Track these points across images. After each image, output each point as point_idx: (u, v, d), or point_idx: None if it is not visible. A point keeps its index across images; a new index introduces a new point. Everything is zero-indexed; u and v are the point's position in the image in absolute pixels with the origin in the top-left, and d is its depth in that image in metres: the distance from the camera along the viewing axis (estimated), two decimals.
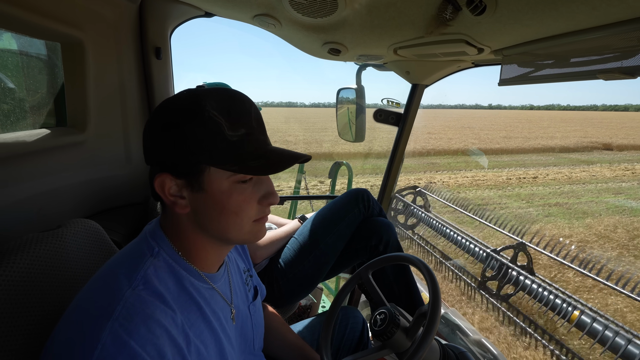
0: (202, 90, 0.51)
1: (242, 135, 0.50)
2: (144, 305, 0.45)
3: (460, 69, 1.30)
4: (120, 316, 0.42)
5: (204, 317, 0.53)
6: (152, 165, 0.53)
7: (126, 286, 0.45)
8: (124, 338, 0.41)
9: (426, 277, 0.74)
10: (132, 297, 0.45)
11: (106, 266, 0.51)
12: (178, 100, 0.51)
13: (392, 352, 0.73)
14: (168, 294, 0.49)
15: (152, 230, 0.55)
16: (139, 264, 0.49)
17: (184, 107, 0.50)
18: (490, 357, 1.35)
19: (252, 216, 0.54)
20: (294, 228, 1.28)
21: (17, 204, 0.75)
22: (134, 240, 0.55)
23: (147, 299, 0.46)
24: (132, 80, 1.13)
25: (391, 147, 1.63)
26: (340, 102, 1.63)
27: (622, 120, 49.87)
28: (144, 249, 0.51)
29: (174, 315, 0.47)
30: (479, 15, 0.68)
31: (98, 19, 0.95)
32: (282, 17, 0.92)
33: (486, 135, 21.35)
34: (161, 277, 0.49)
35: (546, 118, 53.71)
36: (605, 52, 0.70)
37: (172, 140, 0.49)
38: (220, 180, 0.50)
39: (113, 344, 0.40)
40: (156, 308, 0.46)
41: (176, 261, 0.53)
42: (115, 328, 0.41)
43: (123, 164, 1.14)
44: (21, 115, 0.88)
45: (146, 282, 0.47)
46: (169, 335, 0.45)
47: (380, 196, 1.73)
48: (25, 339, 0.52)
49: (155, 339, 0.43)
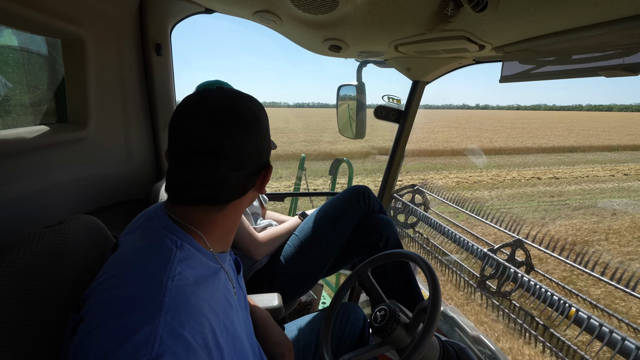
0: (247, 96, 0.59)
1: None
2: (188, 296, 0.46)
3: (461, 65, 1.30)
4: (170, 308, 0.43)
5: (224, 295, 0.56)
6: (256, 164, 0.58)
7: (165, 278, 0.46)
8: (178, 330, 0.42)
9: (426, 274, 0.75)
10: (175, 288, 0.45)
11: (127, 264, 0.50)
12: (251, 104, 0.58)
13: (393, 349, 0.74)
14: (198, 281, 0.50)
15: (163, 225, 0.54)
16: (169, 257, 0.49)
17: (261, 110, 0.59)
18: (489, 353, 1.36)
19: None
20: (295, 225, 1.29)
21: (19, 200, 0.75)
22: (149, 236, 0.54)
23: (187, 288, 0.47)
24: (132, 77, 1.12)
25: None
26: (340, 99, 1.63)
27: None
28: (167, 243, 0.52)
29: (209, 300, 0.49)
30: (480, 12, 0.68)
31: (98, 15, 0.94)
32: (283, 14, 0.92)
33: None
34: (191, 265, 0.51)
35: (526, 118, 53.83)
36: (607, 49, 0.70)
37: (268, 138, 0.62)
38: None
39: (170, 337, 0.41)
40: (196, 297, 0.47)
41: (197, 248, 0.55)
42: (169, 320, 0.42)
43: (124, 160, 1.14)
44: (22, 111, 0.88)
45: (180, 272, 0.48)
46: (209, 322, 0.47)
47: (380, 193, 1.73)
48: (27, 334, 0.52)
49: (201, 328, 0.45)
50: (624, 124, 38.83)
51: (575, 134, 24.90)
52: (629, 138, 21.73)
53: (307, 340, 0.96)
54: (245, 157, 0.55)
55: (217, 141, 0.52)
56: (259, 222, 1.32)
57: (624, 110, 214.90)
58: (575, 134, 24.91)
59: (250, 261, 1.20)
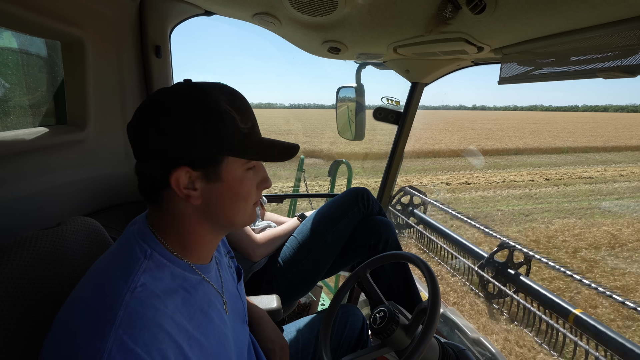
0: (204, 85, 0.53)
1: (251, 127, 0.56)
2: (145, 309, 0.44)
3: (460, 67, 1.30)
4: (124, 322, 0.42)
5: (201, 309, 0.54)
6: (162, 160, 0.52)
7: (124, 290, 0.45)
8: (130, 345, 0.41)
9: (425, 275, 0.74)
10: (133, 301, 0.44)
11: (95, 271, 0.50)
12: (186, 95, 0.52)
13: (392, 350, 0.73)
14: (165, 293, 0.49)
15: (140, 231, 0.54)
16: (134, 267, 0.48)
17: (196, 101, 0.51)
18: (489, 355, 1.36)
19: (253, 200, 0.59)
20: (294, 226, 1.28)
21: (17, 201, 0.75)
22: (121, 244, 0.54)
23: (147, 301, 0.45)
24: (132, 79, 1.13)
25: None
26: (340, 101, 1.63)
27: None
28: (136, 252, 0.51)
29: (173, 315, 0.47)
30: (479, 14, 0.68)
31: (98, 17, 0.95)
32: (282, 16, 0.92)
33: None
34: (158, 278, 0.49)
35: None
36: (605, 51, 0.70)
37: (192, 135, 0.50)
38: (235, 169, 0.54)
39: (119, 352, 0.40)
40: (156, 311, 0.45)
41: (169, 259, 0.53)
42: (120, 335, 0.41)
43: (123, 162, 1.14)
44: (21, 113, 0.88)
45: (144, 284, 0.47)
46: (170, 337, 0.45)
47: (379, 195, 1.73)
48: (25, 336, 0.52)
49: (159, 343, 0.43)
50: (599, 125, 38.14)
51: (537, 135, 24.23)
52: (586, 139, 21.24)
53: (306, 342, 0.96)
54: (147, 146, 0.52)
55: (134, 127, 0.53)
56: (258, 224, 1.31)
57: (619, 110, 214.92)
58: (537, 135, 24.23)
59: (249, 263, 1.20)
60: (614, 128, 32.73)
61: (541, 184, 9.38)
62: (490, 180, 9.66)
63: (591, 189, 8.76)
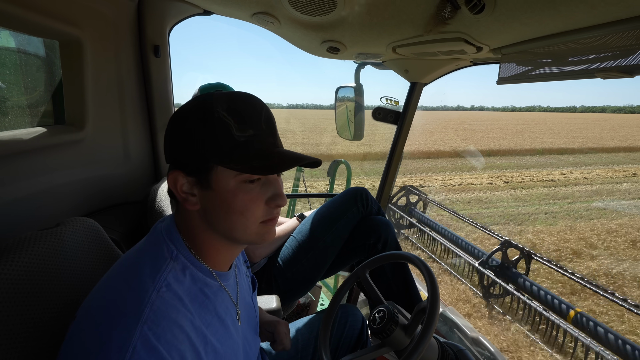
0: (216, 94, 0.53)
1: (250, 136, 0.52)
2: (169, 309, 0.45)
3: (459, 67, 1.30)
4: (149, 319, 0.43)
5: (218, 316, 0.54)
6: (169, 163, 0.56)
7: (151, 287, 0.46)
8: (154, 342, 0.41)
9: (424, 275, 0.74)
10: (158, 300, 0.45)
11: (124, 265, 0.51)
12: (192, 103, 0.54)
13: (391, 350, 0.73)
14: (187, 296, 0.49)
15: (168, 230, 0.55)
16: (161, 266, 0.49)
17: (195, 108, 0.52)
18: (488, 354, 1.36)
19: (259, 217, 0.54)
20: (293, 226, 1.28)
21: (15, 202, 0.75)
22: (150, 240, 0.54)
23: (171, 302, 0.46)
24: (130, 79, 1.12)
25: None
26: (339, 101, 1.63)
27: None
28: (163, 251, 0.51)
29: (192, 319, 0.48)
30: (477, 14, 0.68)
31: (96, 16, 0.94)
32: (281, 16, 0.92)
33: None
34: (181, 280, 0.50)
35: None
36: (604, 51, 0.71)
37: (183, 140, 0.52)
38: (227, 179, 0.51)
39: (144, 348, 0.40)
40: (179, 312, 0.46)
41: (192, 262, 0.54)
42: (145, 331, 0.41)
43: (121, 162, 1.14)
44: (19, 113, 0.88)
45: (168, 284, 0.47)
46: (189, 340, 0.46)
47: (378, 195, 1.73)
48: (24, 337, 0.52)
49: (179, 344, 0.44)
50: (588, 126, 37.68)
51: (518, 136, 23.87)
52: (566, 140, 21.05)
53: (305, 342, 0.96)
54: (167, 152, 0.56)
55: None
56: None
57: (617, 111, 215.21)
58: (518, 136, 23.86)
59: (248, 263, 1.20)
60: (600, 129, 32.45)
61: (498, 187, 9.18)
62: (447, 183, 9.46)
63: (547, 192, 8.60)
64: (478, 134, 25.07)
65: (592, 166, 12.59)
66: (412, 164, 12.60)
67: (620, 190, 8.93)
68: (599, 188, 9.10)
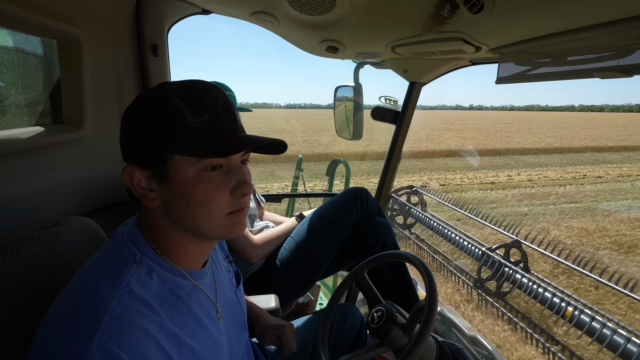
0: (168, 82, 0.51)
1: (206, 122, 0.49)
2: (131, 315, 0.43)
3: (457, 67, 1.30)
4: (108, 327, 0.41)
5: (194, 316, 0.53)
6: (125, 159, 0.53)
7: (111, 295, 0.44)
8: (114, 350, 0.40)
9: (422, 274, 0.75)
10: (119, 307, 0.43)
11: (83, 274, 0.49)
12: (145, 93, 0.51)
13: (390, 349, 0.74)
14: (154, 299, 0.48)
15: (129, 233, 0.53)
16: (121, 272, 0.47)
17: (147, 97, 0.50)
18: (486, 353, 1.36)
19: (224, 208, 0.51)
20: (291, 226, 1.28)
21: (13, 201, 0.75)
22: (111, 246, 0.53)
23: (134, 307, 0.44)
24: (128, 78, 1.12)
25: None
26: (338, 100, 1.63)
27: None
28: (125, 257, 0.49)
29: (161, 322, 0.46)
30: (476, 14, 0.68)
31: (95, 15, 0.94)
32: (280, 15, 0.92)
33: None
34: (147, 284, 0.48)
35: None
36: (602, 51, 0.71)
37: (136, 130, 0.50)
38: (185, 169, 0.49)
39: (103, 357, 0.39)
40: (144, 316, 0.45)
41: (159, 264, 0.52)
42: (104, 340, 0.40)
43: (120, 161, 1.13)
44: (17, 112, 0.88)
45: (131, 290, 0.46)
46: (157, 344, 0.44)
47: (377, 195, 1.73)
48: (21, 337, 0.51)
49: (145, 349, 0.42)
50: (571, 125, 36.65)
51: (492, 136, 22.93)
52: (535, 140, 20.40)
53: (304, 342, 0.96)
54: (122, 148, 0.53)
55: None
56: (256, 225, 1.31)
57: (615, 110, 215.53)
58: (492, 136, 22.95)
59: (246, 264, 1.19)
60: (581, 128, 31.49)
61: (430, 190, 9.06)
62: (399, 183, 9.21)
63: (480, 196, 8.24)
64: (448, 133, 24.06)
65: (546, 167, 12.07)
66: (365, 165, 12.12)
67: (558, 193, 8.49)
68: (537, 191, 8.70)
